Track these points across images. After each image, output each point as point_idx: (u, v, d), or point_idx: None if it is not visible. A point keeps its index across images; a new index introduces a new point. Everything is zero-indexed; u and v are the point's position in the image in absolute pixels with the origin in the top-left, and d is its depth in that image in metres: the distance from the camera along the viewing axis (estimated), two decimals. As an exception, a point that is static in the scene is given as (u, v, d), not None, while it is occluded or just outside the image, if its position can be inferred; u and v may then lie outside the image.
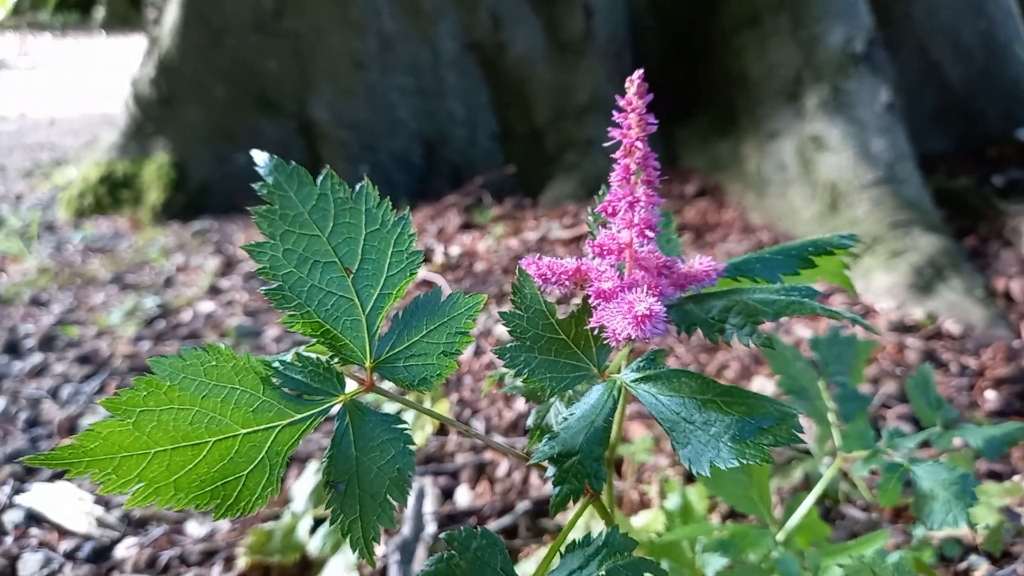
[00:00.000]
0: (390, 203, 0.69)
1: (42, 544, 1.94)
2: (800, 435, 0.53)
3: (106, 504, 2.06)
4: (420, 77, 4.25)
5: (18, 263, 3.86)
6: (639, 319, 0.55)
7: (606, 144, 0.62)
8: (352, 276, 0.66)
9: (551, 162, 4.25)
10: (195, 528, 1.95)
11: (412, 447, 0.61)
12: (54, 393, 2.65)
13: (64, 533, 1.97)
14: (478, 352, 2.61)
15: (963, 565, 1.51)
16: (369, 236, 0.67)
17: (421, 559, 1.54)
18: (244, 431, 0.60)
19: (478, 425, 2.17)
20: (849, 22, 3.37)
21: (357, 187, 0.68)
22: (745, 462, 0.51)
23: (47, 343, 2.99)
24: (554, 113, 4.23)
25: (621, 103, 0.59)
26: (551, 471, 0.58)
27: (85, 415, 2.50)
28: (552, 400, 0.76)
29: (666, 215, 0.79)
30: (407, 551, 1.41)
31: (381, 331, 0.67)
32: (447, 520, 1.80)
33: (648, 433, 1.94)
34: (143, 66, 4.34)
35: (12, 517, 2.02)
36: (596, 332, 0.66)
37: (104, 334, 3.04)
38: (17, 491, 2.13)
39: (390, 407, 1.84)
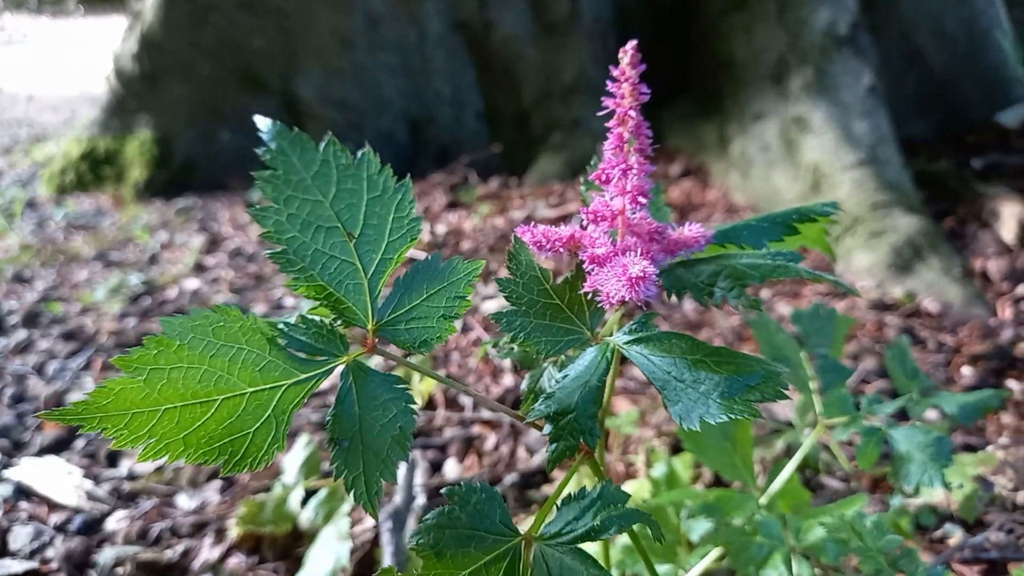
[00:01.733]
0: (391, 170, 0.71)
1: (32, 517, 1.94)
2: (786, 392, 0.56)
3: (95, 478, 2.07)
4: (407, 56, 4.24)
5: (0, 240, 3.83)
6: (634, 281, 0.57)
7: (600, 114, 0.64)
8: (354, 241, 0.68)
9: (537, 142, 4.26)
10: (185, 501, 1.96)
11: (413, 406, 0.63)
12: (39, 369, 2.65)
13: (54, 506, 1.97)
14: (465, 329, 2.63)
15: (938, 533, 1.56)
16: (371, 202, 0.68)
17: (412, 528, 1.57)
18: (251, 389, 0.62)
19: (466, 400, 2.20)
20: (834, 5, 3.39)
21: (359, 154, 0.70)
22: (734, 417, 0.53)
23: (31, 320, 2.97)
24: (540, 93, 4.24)
25: (615, 73, 0.61)
26: (547, 428, 0.60)
27: (72, 391, 2.50)
28: (545, 365, 0.79)
29: (656, 184, 0.82)
30: (399, 519, 1.44)
31: (383, 295, 0.68)
32: (436, 492, 1.83)
33: (633, 407, 1.98)
34: (125, 41, 4.29)
35: (0, 491, 2.02)
36: (589, 297, 0.68)
37: (88, 311, 3.03)
38: (5, 466, 2.13)
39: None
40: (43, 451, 2.21)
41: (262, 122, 0.67)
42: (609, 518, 0.58)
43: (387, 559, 1.36)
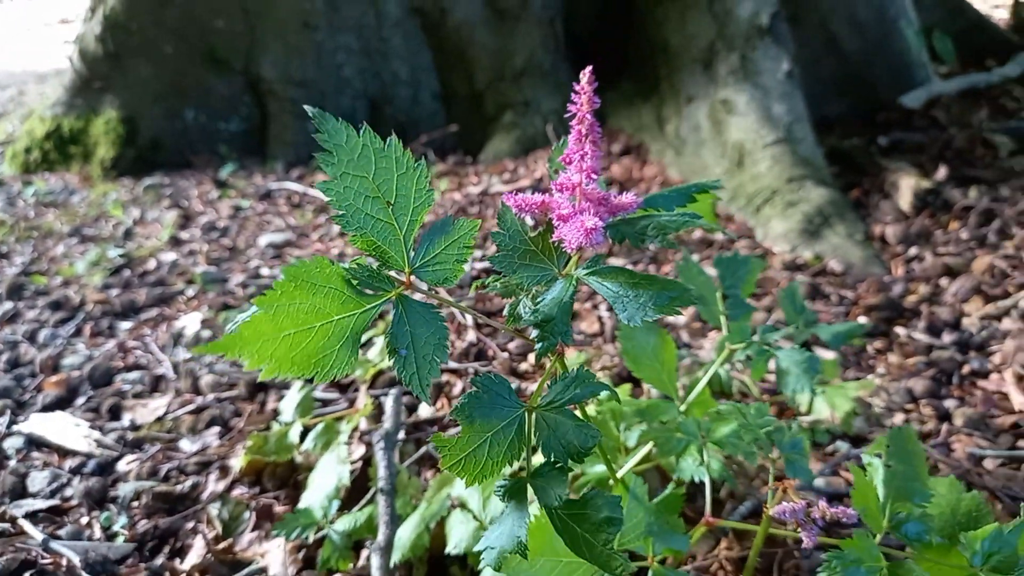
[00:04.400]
0: (411, 152, 0.98)
1: (46, 464, 2.10)
2: (695, 300, 0.86)
3: (100, 429, 2.26)
4: (366, 38, 4.43)
5: (-31, 217, 3.93)
6: (588, 231, 0.86)
7: (566, 116, 0.93)
8: (391, 207, 0.94)
9: (490, 122, 4.52)
10: (188, 445, 2.18)
11: (444, 323, 0.91)
12: (31, 337, 2.81)
13: (66, 454, 2.14)
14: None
15: (830, 448, 1.93)
16: (400, 177, 0.95)
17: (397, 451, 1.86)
18: (337, 317, 0.86)
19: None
20: (758, -4, 3.74)
21: (387, 140, 0.96)
22: (663, 315, 0.83)
23: (15, 291, 3.13)
24: (493, 76, 4.49)
25: (576, 87, 0.91)
26: (535, 333, 0.89)
27: (65, 355, 2.68)
28: (521, 297, 1.09)
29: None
30: (389, 441, 1.73)
31: (413, 247, 0.95)
32: (413, 428, 2.12)
33: (581, 354, 2.30)
34: (87, 22, 4.38)
35: (12, 443, 2.18)
36: (556, 244, 0.98)
37: (71, 283, 3.20)
38: (12, 423, 2.30)
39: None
40: (45, 409, 2.39)
41: (312, 111, 0.92)
42: (584, 389, 0.88)
43: (381, 471, 1.64)
